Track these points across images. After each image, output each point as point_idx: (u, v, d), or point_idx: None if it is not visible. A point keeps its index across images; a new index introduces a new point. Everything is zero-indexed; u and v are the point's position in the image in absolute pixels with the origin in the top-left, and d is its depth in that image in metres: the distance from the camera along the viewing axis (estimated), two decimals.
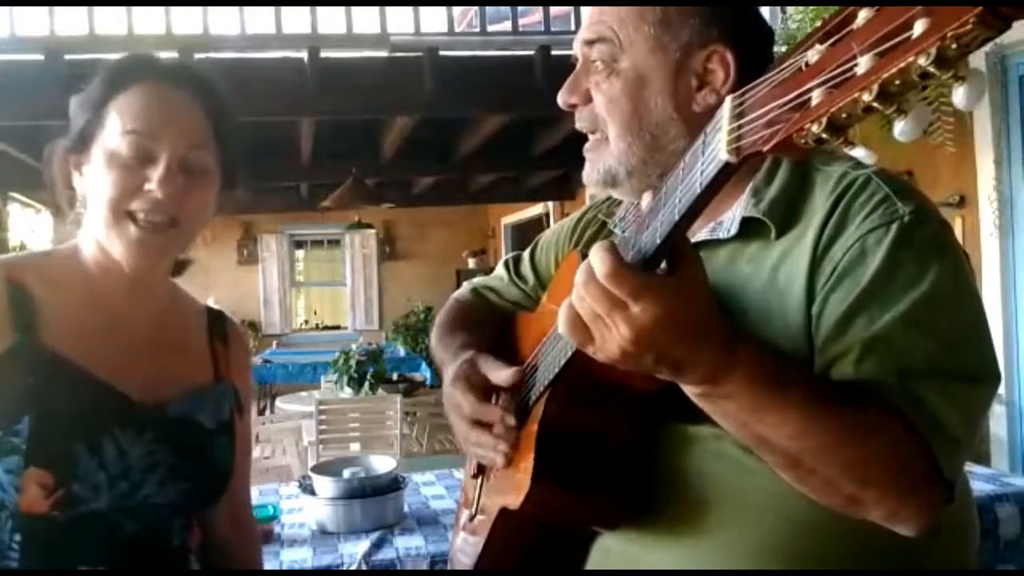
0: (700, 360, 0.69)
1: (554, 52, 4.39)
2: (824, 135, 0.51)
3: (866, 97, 0.48)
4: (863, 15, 0.49)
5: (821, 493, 0.76)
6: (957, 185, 3.32)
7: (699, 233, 0.91)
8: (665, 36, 0.90)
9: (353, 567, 1.78)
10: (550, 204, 8.54)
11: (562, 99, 0.98)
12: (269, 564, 1.80)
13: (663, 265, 0.67)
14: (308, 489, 2.07)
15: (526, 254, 1.27)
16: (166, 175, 0.98)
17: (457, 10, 4.78)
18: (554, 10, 4.77)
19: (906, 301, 0.77)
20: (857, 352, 0.77)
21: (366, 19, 4.44)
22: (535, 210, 9.06)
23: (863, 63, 0.48)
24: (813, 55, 0.52)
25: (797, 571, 0.83)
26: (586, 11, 0.97)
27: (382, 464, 2.19)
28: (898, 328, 0.76)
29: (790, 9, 3.56)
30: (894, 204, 0.81)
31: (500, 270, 1.30)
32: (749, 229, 0.87)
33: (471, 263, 10.71)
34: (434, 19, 4.87)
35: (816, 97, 0.51)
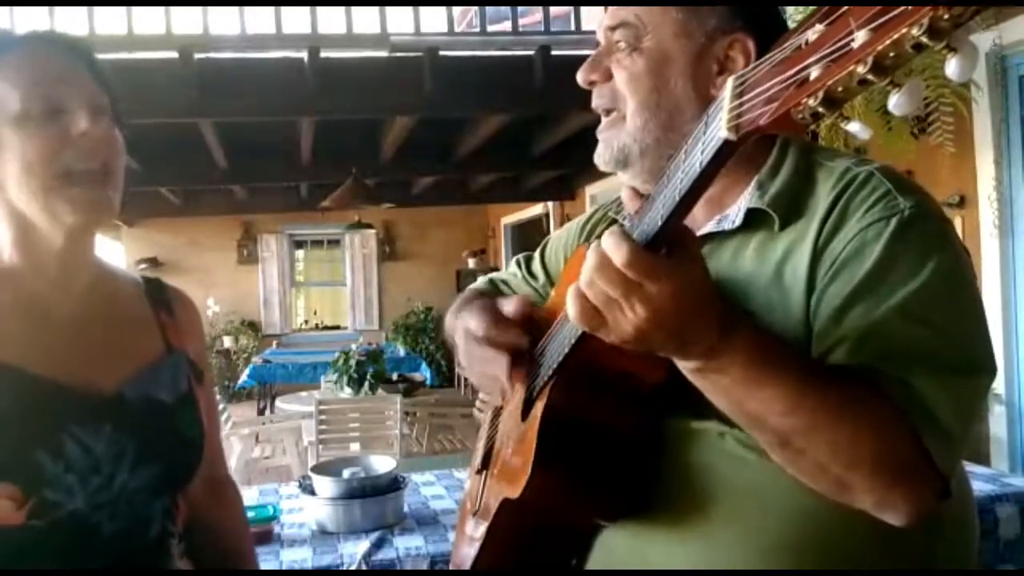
0: (702, 335, 0.71)
1: (554, 52, 4.39)
2: (820, 109, 0.52)
3: (861, 69, 0.49)
4: None
5: (811, 476, 0.76)
6: (957, 185, 3.33)
7: (706, 226, 0.92)
8: (691, 22, 0.92)
9: (353, 567, 1.78)
10: (550, 204, 8.54)
11: (582, 76, 0.98)
12: (269, 564, 1.80)
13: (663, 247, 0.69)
14: (308, 489, 2.07)
15: (537, 253, 1.28)
16: (92, 115, 0.95)
17: (457, 10, 4.79)
18: (554, 10, 4.77)
19: (903, 293, 0.77)
20: (852, 341, 0.78)
21: (366, 19, 4.44)
22: (535, 210, 9.07)
23: (859, 37, 0.49)
24: (812, 34, 0.54)
25: (798, 571, 0.83)
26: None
27: (382, 464, 2.19)
28: (894, 319, 0.77)
29: (790, 9, 3.56)
30: (895, 199, 0.82)
31: (513, 267, 1.32)
32: (754, 221, 0.88)
33: (471, 263, 10.71)
34: (434, 19, 4.87)
35: (814, 73, 0.52)
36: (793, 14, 3.55)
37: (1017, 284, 3.24)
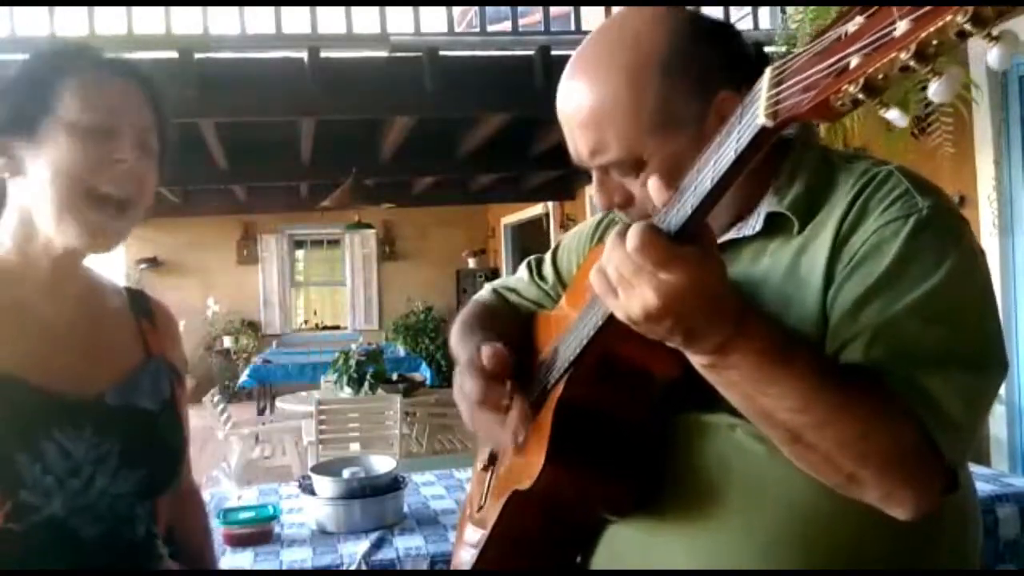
0: (712, 331, 0.71)
1: (554, 52, 4.38)
2: (861, 95, 0.52)
3: (903, 56, 0.49)
4: None
5: (820, 470, 0.77)
6: (957, 185, 3.33)
7: (726, 234, 0.92)
8: (671, 122, 0.88)
9: (353, 567, 1.78)
10: (550, 204, 8.54)
11: (605, 205, 0.95)
12: (269, 564, 1.81)
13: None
14: (308, 489, 2.07)
15: (548, 256, 1.29)
16: (134, 143, 1.00)
17: (457, 10, 4.78)
18: (554, 10, 4.77)
19: (919, 291, 0.78)
20: (867, 337, 0.78)
21: (366, 19, 4.44)
22: (535, 210, 9.06)
23: (901, 26, 0.50)
24: (851, 26, 0.54)
25: (798, 571, 0.84)
26: (575, 132, 0.94)
27: (382, 464, 2.19)
28: (909, 316, 0.77)
29: (790, 9, 3.56)
30: (913, 198, 0.82)
31: (522, 271, 1.32)
32: (773, 225, 0.88)
33: (471, 263, 10.71)
34: (434, 19, 4.87)
35: (855, 61, 0.52)
36: (793, 14, 3.55)
37: (1017, 284, 3.24)
